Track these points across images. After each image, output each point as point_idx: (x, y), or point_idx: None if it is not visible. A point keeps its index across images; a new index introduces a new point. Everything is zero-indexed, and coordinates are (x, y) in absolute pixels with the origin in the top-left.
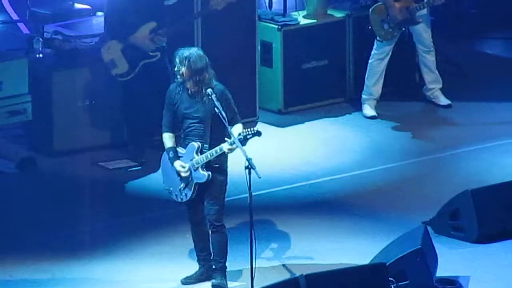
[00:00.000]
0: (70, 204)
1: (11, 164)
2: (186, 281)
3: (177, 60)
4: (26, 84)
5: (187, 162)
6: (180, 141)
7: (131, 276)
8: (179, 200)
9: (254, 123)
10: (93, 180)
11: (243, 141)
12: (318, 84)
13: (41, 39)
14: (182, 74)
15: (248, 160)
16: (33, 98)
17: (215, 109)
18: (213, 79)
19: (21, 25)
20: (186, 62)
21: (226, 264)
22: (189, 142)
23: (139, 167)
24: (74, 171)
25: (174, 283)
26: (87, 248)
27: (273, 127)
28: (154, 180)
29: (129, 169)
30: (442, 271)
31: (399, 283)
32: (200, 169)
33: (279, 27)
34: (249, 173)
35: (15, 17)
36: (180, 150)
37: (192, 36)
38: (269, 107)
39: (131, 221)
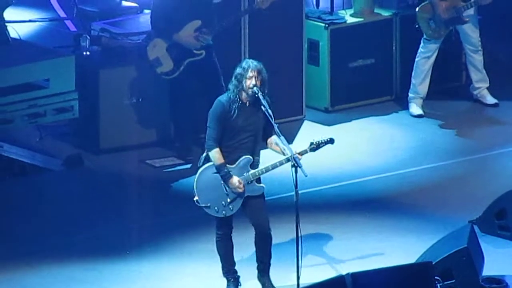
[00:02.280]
0: (116, 201)
1: (58, 161)
2: None
3: (254, 67)
4: (73, 81)
5: (240, 176)
6: (225, 154)
7: (178, 273)
8: (221, 215)
9: (301, 121)
10: (140, 177)
11: (316, 149)
12: (364, 82)
13: (88, 37)
14: (257, 81)
15: (295, 158)
16: (80, 96)
17: (264, 110)
18: None
19: (68, 23)
20: (262, 73)
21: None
22: (239, 156)
23: (186, 165)
24: (120, 168)
25: (221, 280)
26: (134, 245)
27: (319, 125)
28: None
29: (175, 167)
30: (488, 270)
31: (445, 282)
32: (255, 182)
33: (326, 25)
34: (296, 171)
35: (62, 14)
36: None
37: (239, 35)
38: (316, 105)
39: (178, 219)
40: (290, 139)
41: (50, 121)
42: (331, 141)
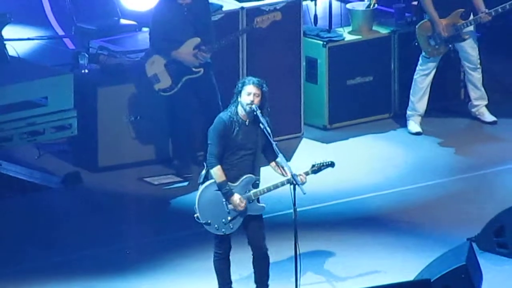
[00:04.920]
0: (115, 219)
1: (56, 179)
2: None
3: (253, 83)
4: (72, 99)
5: (242, 194)
6: (226, 172)
7: None
8: (221, 232)
9: (299, 139)
10: (138, 195)
11: (317, 171)
12: (363, 100)
13: (86, 55)
14: (255, 98)
15: (293, 176)
16: (79, 114)
17: (262, 127)
18: None
19: (66, 41)
20: (262, 90)
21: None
22: (239, 173)
23: (184, 183)
24: (119, 186)
25: None
26: (132, 263)
27: (318, 143)
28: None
29: (174, 185)
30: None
31: None
32: (256, 201)
33: (324, 43)
34: (294, 189)
35: (61, 32)
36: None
37: (237, 52)
38: (314, 123)
39: (177, 237)
40: (288, 157)
41: (48, 139)
42: (331, 164)
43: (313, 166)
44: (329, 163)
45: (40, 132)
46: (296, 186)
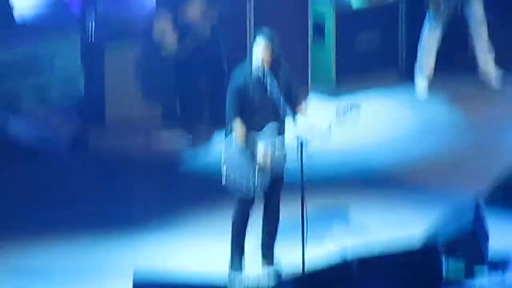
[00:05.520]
0: (123, 176)
1: (63, 139)
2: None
3: (263, 37)
4: (79, 58)
5: (265, 145)
6: (249, 124)
7: (182, 247)
8: (250, 185)
9: (306, 93)
10: (145, 152)
11: (342, 115)
12: (370, 60)
13: (93, 12)
14: (264, 56)
15: (301, 134)
16: (85, 71)
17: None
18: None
19: (73, 1)
20: (275, 40)
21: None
22: (263, 125)
23: (191, 139)
24: (125, 144)
25: (223, 256)
26: (141, 220)
27: (325, 97)
28: (205, 152)
29: (181, 142)
30: (495, 244)
31: (450, 257)
32: (281, 149)
33: (332, 5)
34: (301, 147)
35: None
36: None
37: (244, 15)
38: (321, 83)
39: (184, 193)
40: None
41: (56, 98)
42: (356, 106)
43: (337, 110)
44: (354, 104)
45: (47, 91)
46: (304, 144)
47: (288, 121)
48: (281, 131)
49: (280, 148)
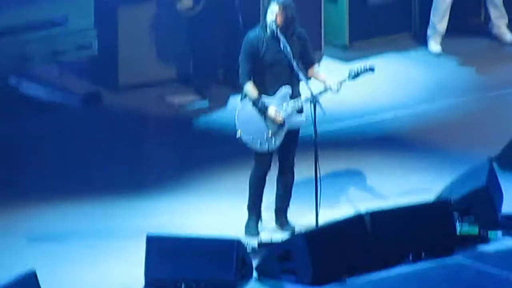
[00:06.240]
0: (136, 138)
1: (76, 97)
2: (249, 231)
3: (277, 3)
4: (92, 18)
5: (279, 107)
6: (262, 87)
7: (193, 210)
8: (265, 148)
9: (319, 57)
10: (159, 114)
11: (355, 77)
12: (383, 19)
13: None
14: (278, 17)
15: (313, 95)
16: (99, 33)
17: (282, 47)
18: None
19: None
20: (288, 5)
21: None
22: (277, 88)
23: (205, 101)
24: (139, 105)
25: (238, 219)
26: (152, 182)
27: (338, 61)
28: (219, 114)
29: (195, 104)
30: (507, 207)
31: (464, 219)
32: (296, 113)
33: None
34: (314, 108)
35: None
36: (264, 97)
37: None
38: (334, 41)
39: (198, 155)
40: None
41: (69, 58)
42: (371, 69)
43: (351, 71)
44: (369, 67)
45: (60, 51)
46: (316, 105)
47: (301, 83)
48: (294, 95)
49: (293, 110)
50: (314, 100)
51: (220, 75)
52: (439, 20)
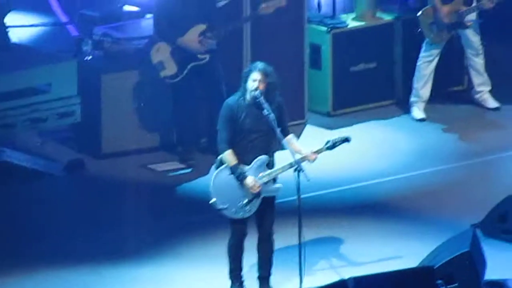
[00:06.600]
0: (118, 206)
1: (59, 166)
2: None
3: (258, 70)
4: (75, 86)
5: (256, 176)
6: (239, 155)
7: (177, 278)
8: (239, 216)
9: (303, 126)
10: (142, 182)
11: (331, 147)
12: (366, 86)
13: (90, 41)
14: (260, 84)
15: (298, 162)
16: (82, 100)
17: (265, 112)
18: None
19: (70, 27)
20: (270, 73)
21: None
22: (253, 156)
23: (188, 169)
24: (122, 173)
25: (225, 283)
26: (134, 250)
27: (322, 129)
28: (203, 182)
29: (178, 172)
30: (490, 274)
31: (448, 286)
32: (271, 182)
33: (328, 29)
34: (298, 175)
35: (64, 19)
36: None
37: (241, 38)
38: (318, 109)
39: (179, 224)
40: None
41: (52, 126)
42: (347, 140)
43: (327, 142)
44: (345, 138)
45: (43, 119)
46: (301, 172)
47: (278, 151)
48: (270, 164)
49: (269, 179)
50: (298, 167)
51: (204, 143)
52: (422, 87)
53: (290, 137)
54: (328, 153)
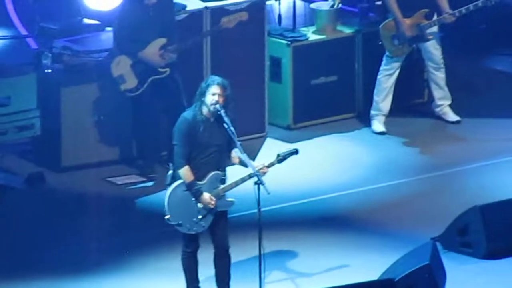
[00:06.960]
0: (78, 219)
1: (19, 179)
2: None
3: (218, 84)
4: (35, 99)
5: (210, 192)
6: (193, 171)
7: None
8: (192, 231)
9: (263, 139)
10: (102, 195)
11: (282, 160)
12: (327, 99)
13: (49, 54)
14: (219, 98)
15: (258, 175)
16: (42, 113)
17: (226, 127)
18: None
19: (29, 40)
20: (227, 87)
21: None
22: (206, 171)
23: (148, 183)
24: (82, 186)
25: None
26: (95, 263)
27: (282, 142)
28: (163, 195)
29: (138, 185)
30: (450, 287)
31: None
32: (224, 197)
33: (289, 42)
34: (258, 188)
35: (23, 32)
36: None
37: (201, 52)
38: (278, 122)
39: (140, 237)
40: (252, 157)
41: (11, 139)
42: (296, 152)
43: (278, 155)
44: (294, 150)
45: (3, 132)
46: (261, 185)
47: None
48: (222, 180)
49: (223, 194)
50: (258, 181)
51: (164, 156)
52: (383, 100)
53: (235, 151)
54: (288, 166)
